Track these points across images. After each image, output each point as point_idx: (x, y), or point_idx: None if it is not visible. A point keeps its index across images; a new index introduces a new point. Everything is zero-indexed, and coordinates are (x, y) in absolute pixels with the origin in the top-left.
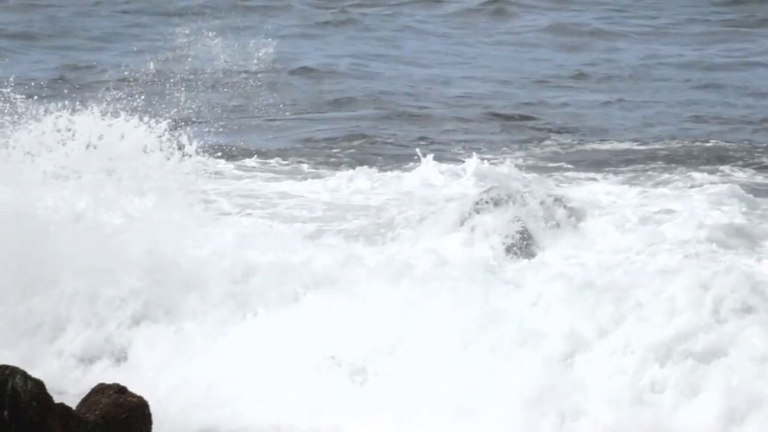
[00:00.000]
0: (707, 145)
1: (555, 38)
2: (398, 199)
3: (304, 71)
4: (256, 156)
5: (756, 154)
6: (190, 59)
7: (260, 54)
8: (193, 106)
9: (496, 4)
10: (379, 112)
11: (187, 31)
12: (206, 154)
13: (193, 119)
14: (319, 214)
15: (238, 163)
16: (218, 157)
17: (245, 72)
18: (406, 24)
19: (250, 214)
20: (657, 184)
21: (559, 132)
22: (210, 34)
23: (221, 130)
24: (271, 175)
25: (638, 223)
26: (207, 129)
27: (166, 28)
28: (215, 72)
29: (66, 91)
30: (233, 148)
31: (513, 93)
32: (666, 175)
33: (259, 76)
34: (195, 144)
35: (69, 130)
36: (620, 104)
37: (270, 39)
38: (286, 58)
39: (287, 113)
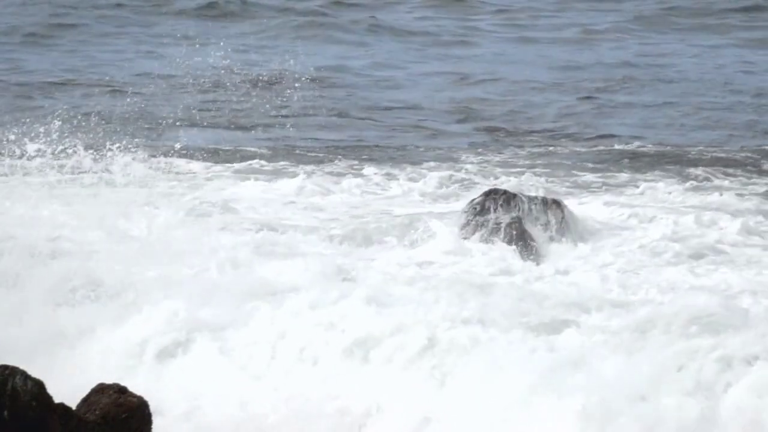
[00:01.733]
0: (706, 149)
1: (567, 41)
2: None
3: (306, 75)
4: (238, 160)
5: (755, 161)
6: (187, 61)
7: (260, 58)
8: (183, 109)
9: (519, 11)
10: (378, 118)
11: (184, 32)
12: (182, 156)
13: (184, 122)
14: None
15: (217, 166)
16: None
17: (245, 74)
18: (419, 28)
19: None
20: (648, 190)
21: (560, 136)
22: (212, 35)
23: (214, 133)
24: (241, 180)
25: (620, 235)
26: (197, 131)
27: (160, 29)
28: (215, 74)
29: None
30: (215, 152)
31: (516, 97)
32: (663, 178)
33: (258, 80)
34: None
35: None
36: (621, 107)
37: (271, 41)
38: (287, 61)
39: (282, 118)
